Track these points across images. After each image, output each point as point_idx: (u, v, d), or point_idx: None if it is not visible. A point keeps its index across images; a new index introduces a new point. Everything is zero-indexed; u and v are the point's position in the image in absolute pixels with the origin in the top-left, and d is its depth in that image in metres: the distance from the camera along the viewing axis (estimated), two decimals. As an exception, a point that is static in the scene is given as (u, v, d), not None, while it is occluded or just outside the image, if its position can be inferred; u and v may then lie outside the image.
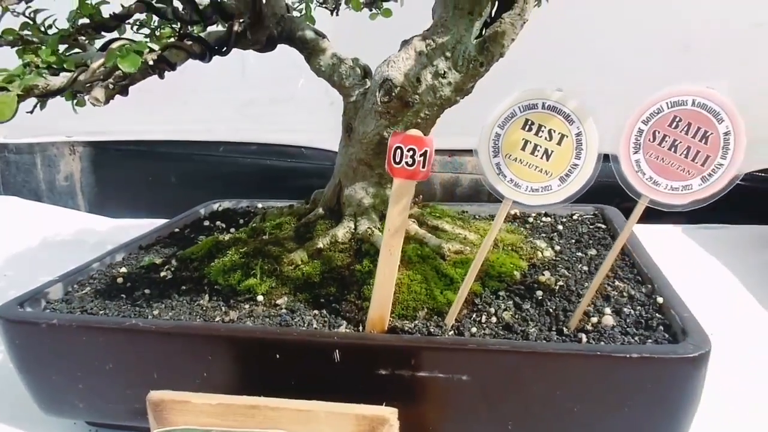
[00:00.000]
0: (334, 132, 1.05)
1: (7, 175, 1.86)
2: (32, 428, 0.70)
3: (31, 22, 0.55)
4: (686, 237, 1.31)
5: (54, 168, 1.83)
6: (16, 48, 0.56)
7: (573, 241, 0.85)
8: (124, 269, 0.77)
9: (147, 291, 0.69)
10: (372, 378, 0.54)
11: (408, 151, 0.52)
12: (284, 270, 0.68)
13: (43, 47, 0.53)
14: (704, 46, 1.30)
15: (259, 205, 1.06)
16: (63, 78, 0.50)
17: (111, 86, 0.49)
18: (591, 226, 0.92)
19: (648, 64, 1.33)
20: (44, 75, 0.48)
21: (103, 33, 0.70)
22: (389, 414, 0.47)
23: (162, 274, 0.74)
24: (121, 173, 1.79)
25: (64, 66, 0.50)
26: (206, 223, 0.98)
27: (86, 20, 0.67)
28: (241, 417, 0.48)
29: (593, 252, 0.80)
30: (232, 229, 0.91)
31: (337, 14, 0.88)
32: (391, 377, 0.54)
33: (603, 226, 0.92)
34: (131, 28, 0.76)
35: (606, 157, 0.54)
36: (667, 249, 1.24)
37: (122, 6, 0.71)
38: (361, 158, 0.72)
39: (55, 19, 0.59)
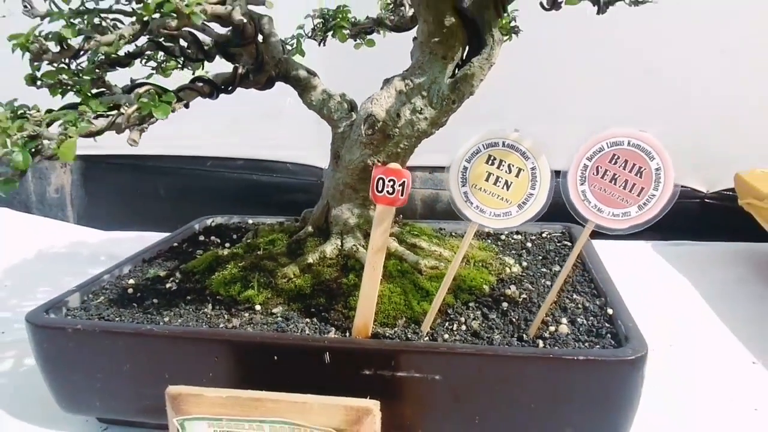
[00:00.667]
0: (320, 148, 1.12)
1: (-2, 187, 1.92)
2: (47, 426, 0.77)
3: (66, 67, 0.63)
4: (655, 253, 1.40)
5: (45, 180, 1.89)
6: (52, 89, 0.64)
7: (540, 257, 0.94)
8: (132, 281, 0.85)
9: (155, 300, 0.77)
10: (357, 377, 0.62)
11: (389, 181, 0.61)
12: (278, 282, 0.77)
13: (78, 88, 0.61)
14: (670, 71, 1.41)
15: (250, 221, 1.14)
16: (103, 121, 0.58)
17: (145, 129, 0.58)
18: (558, 244, 1.01)
19: (614, 88, 1.44)
20: (92, 121, 0.57)
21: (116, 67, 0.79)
22: (372, 405, 0.56)
23: (167, 285, 0.82)
24: (110, 186, 1.85)
25: (99, 110, 0.58)
26: (201, 237, 1.06)
27: (102, 57, 0.75)
28: (247, 408, 0.56)
29: (557, 268, 0.89)
30: (227, 244, 0.99)
31: (324, 45, 0.97)
32: (374, 376, 0.62)
33: (569, 244, 1.01)
34: (140, 62, 0.84)
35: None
36: (637, 264, 1.35)
37: (135, 45, 0.80)
38: (348, 183, 0.81)
39: (82, 61, 0.67)
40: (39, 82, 0.65)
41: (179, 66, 0.84)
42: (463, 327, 0.69)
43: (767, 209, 1.20)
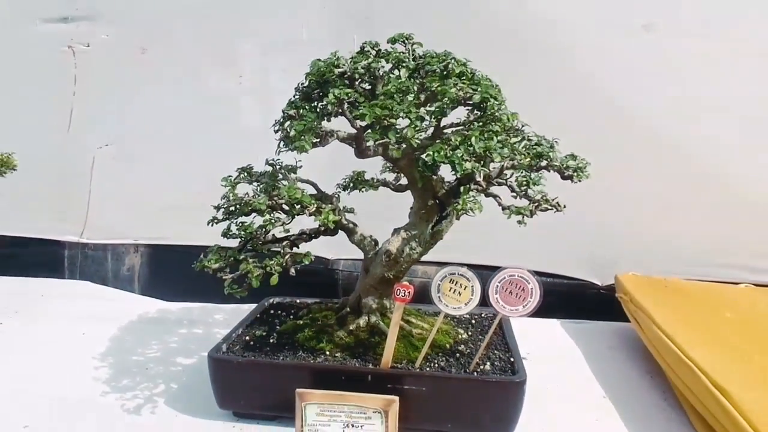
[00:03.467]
0: (327, 244, 1.74)
1: (83, 265, 2.52)
2: (201, 417, 1.37)
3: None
4: (561, 328, 2.02)
5: (120, 261, 2.49)
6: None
7: (479, 329, 1.59)
8: (248, 337, 1.46)
9: (268, 348, 1.39)
10: (385, 387, 1.25)
11: (403, 290, 1.27)
12: (336, 340, 1.40)
13: (252, 241, 1.27)
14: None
15: (298, 301, 1.76)
16: (275, 263, 1.23)
17: (297, 268, 1.23)
18: (490, 321, 1.67)
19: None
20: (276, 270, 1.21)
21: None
22: (395, 398, 1.19)
23: (271, 340, 1.44)
24: (168, 266, 2.47)
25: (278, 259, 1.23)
26: (271, 311, 1.68)
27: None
28: (336, 399, 1.19)
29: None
30: (291, 317, 1.62)
31: (349, 194, 1.64)
32: (393, 387, 1.25)
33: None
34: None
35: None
36: (547, 335, 1.98)
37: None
38: (372, 285, 1.46)
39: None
40: (228, 236, 1.31)
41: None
42: (436, 365, 1.34)
43: (629, 301, 1.88)
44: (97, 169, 2.45)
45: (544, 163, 1.27)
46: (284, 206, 1.25)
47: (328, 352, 1.37)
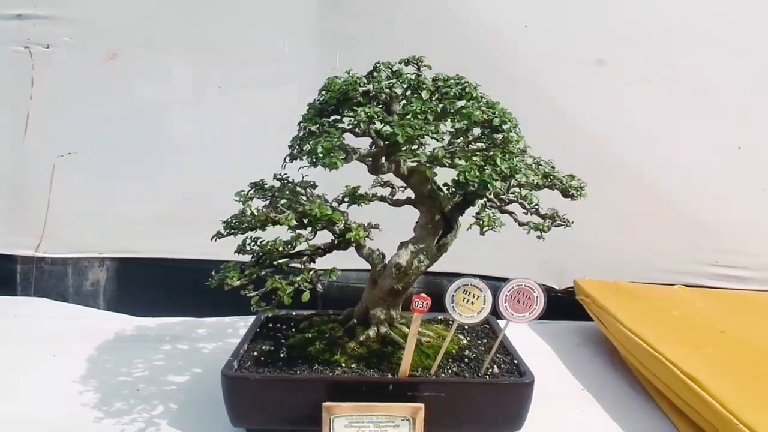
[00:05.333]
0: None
1: (39, 281, 2.40)
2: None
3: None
4: (528, 328, 2.15)
5: (83, 276, 2.40)
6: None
7: (473, 335, 1.67)
8: (256, 353, 1.47)
9: (280, 363, 1.41)
10: (405, 395, 1.30)
11: (421, 302, 1.32)
12: (348, 351, 1.44)
13: (269, 258, 1.28)
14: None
15: (293, 313, 1.77)
16: (302, 279, 1.25)
17: (324, 283, 1.25)
18: (483, 327, 1.75)
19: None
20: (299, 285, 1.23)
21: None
22: (421, 406, 1.25)
23: (281, 354, 1.45)
24: (138, 281, 2.41)
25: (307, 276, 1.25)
26: (270, 325, 1.69)
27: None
28: (363, 410, 1.22)
29: (485, 340, 1.62)
30: (293, 330, 1.63)
31: (348, 208, 1.67)
32: (413, 395, 1.31)
33: (487, 326, 1.75)
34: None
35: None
36: (518, 335, 2.10)
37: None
38: (380, 296, 1.50)
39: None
40: (243, 252, 1.32)
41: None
42: (450, 371, 1.41)
43: (591, 303, 2.04)
44: (58, 179, 2.34)
45: (550, 181, 1.36)
46: (303, 221, 1.28)
47: (343, 364, 1.40)
